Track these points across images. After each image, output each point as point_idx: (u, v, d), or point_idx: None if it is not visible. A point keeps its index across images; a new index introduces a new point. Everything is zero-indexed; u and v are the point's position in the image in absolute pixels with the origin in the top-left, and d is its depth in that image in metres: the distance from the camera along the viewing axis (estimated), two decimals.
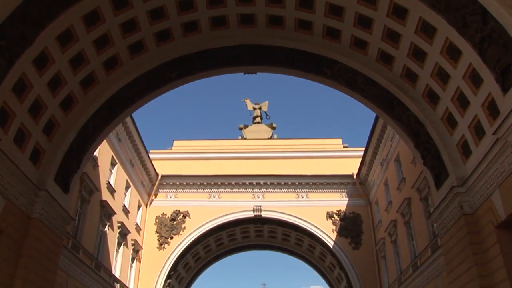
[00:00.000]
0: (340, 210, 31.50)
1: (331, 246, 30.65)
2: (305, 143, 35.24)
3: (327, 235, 30.83)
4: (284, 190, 32.37)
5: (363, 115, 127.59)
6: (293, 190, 32.36)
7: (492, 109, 12.30)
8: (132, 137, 27.80)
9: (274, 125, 39.33)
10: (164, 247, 30.81)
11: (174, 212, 31.76)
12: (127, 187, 28.36)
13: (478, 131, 13.27)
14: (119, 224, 26.22)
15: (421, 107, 15.48)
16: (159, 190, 32.58)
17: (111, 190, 25.23)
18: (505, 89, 11.36)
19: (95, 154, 21.72)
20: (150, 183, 32.04)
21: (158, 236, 31.12)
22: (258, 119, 40.01)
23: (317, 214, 31.27)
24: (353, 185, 32.06)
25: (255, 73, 18.52)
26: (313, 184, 32.23)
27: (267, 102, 41.25)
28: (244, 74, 18.44)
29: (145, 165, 30.64)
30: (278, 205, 31.77)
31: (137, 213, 30.34)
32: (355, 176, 31.75)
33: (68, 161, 15.82)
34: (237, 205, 31.91)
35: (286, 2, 15.42)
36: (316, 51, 16.72)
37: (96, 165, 22.65)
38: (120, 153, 26.64)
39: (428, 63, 14.26)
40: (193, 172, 32.63)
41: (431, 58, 13.99)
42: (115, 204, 25.63)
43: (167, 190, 32.72)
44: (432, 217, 16.55)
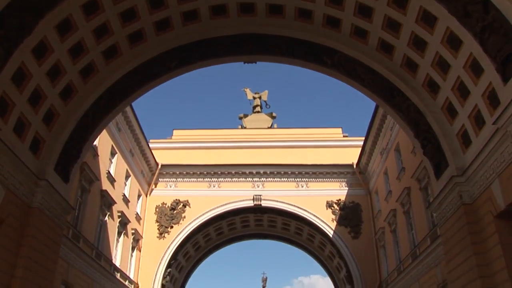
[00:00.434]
0: (339, 199, 31.56)
1: (330, 236, 30.75)
2: (305, 133, 35.21)
3: (326, 225, 30.91)
4: (284, 179, 32.41)
5: (363, 105, 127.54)
6: (293, 179, 32.39)
7: (492, 99, 12.28)
8: (132, 126, 27.78)
9: (274, 114, 39.27)
10: (164, 236, 30.91)
11: (174, 201, 31.81)
12: (127, 177, 28.39)
13: (478, 120, 13.26)
14: (119, 214, 26.28)
15: (421, 97, 15.46)
16: (159, 179, 32.62)
17: (111, 180, 25.27)
18: (505, 79, 11.34)
19: (95, 143, 21.73)
20: (150, 172, 32.08)
21: (158, 226, 31.21)
22: (258, 109, 39.92)
23: (316, 203, 31.34)
24: (353, 174, 32.10)
25: (255, 62, 18.43)
26: (313, 173, 32.26)
27: (267, 91, 41.16)
28: (244, 63, 18.35)
29: (145, 154, 30.65)
30: (278, 195, 31.83)
31: (137, 202, 30.40)
32: (355, 166, 31.77)
33: (68, 151, 15.81)
34: (237, 194, 31.96)
35: None
36: (316, 40, 16.65)
37: (96, 154, 22.65)
38: (120, 143, 26.65)
39: (428, 53, 14.22)
40: (193, 161, 32.64)
41: (431, 47, 13.94)
42: (115, 193, 25.68)
43: (167, 180, 32.75)
44: (431, 207, 16.59)
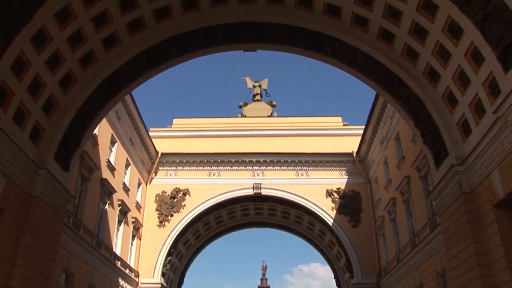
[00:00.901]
0: (339, 188, 31.61)
1: (330, 224, 30.84)
2: (305, 121, 35.20)
3: (326, 213, 30.99)
4: (284, 168, 32.43)
5: (363, 93, 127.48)
6: (293, 168, 32.42)
7: (493, 88, 12.25)
8: (131, 115, 27.75)
9: (274, 103, 39.23)
10: (164, 224, 31.00)
11: (174, 190, 31.86)
12: (127, 165, 28.42)
13: (479, 109, 13.24)
14: (119, 202, 26.34)
15: (421, 86, 15.42)
16: (159, 168, 32.65)
17: (111, 168, 25.30)
18: (506, 68, 11.30)
19: (95, 132, 21.72)
20: (150, 161, 32.10)
21: (158, 214, 31.29)
22: (258, 97, 39.87)
23: (316, 192, 31.39)
24: (353, 163, 32.12)
25: (255, 51, 18.35)
26: (313, 162, 32.27)
27: (267, 79, 41.12)
28: (244, 51, 18.27)
29: (145, 143, 30.65)
30: (278, 183, 31.87)
31: (137, 191, 30.46)
32: (354, 154, 31.79)
33: (68, 140, 15.82)
34: (237, 183, 32.00)
35: None
36: (316, 29, 16.57)
37: (96, 143, 22.66)
38: (119, 131, 26.64)
39: (429, 41, 14.16)
40: (193, 150, 32.65)
41: (432, 36, 13.88)
42: (115, 182, 25.72)
43: (167, 168, 32.78)
44: (431, 196, 16.63)
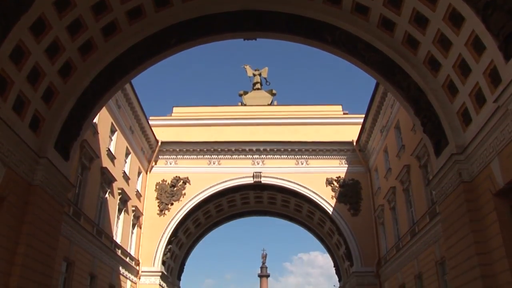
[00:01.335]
0: (339, 176, 31.66)
1: (330, 213, 30.93)
2: (305, 110, 35.15)
3: (326, 202, 31.07)
4: (284, 156, 32.44)
5: (364, 82, 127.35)
6: (293, 156, 32.43)
7: (493, 77, 12.22)
8: (131, 103, 27.71)
9: (274, 91, 39.15)
10: (164, 213, 31.09)
11: (174, 178, 31.92)
12: (127, 154, 28.44)
13: (479, 99, 13.21)
14: (120, 191, 26.40)
15: (422, 74, 15.38)
16: (159, 156, 32.68)
17: (111, 157, 25.32)
18: (507, 57, 11.26)
19: (94, 121, 21.70)
20: (150, 149, 32.11)
21: (158, 203, 31.38)
22: (258, 85, 39.78)
23: (316, 180, 31.45)
24: (353, 152, 32.12)
25: (255, 39, 18.28)
26: (313, 150, 32.28)
27: (267, 68, 41.00)
28: (244, 40, 18.21)
29: (145, 131, 30.65)
30: (278, 172, 31.91)
31: (137, 179, 30.52)
32: (354, 143, 31.77)
33: (68, 129, 15.80)
34: (237, 171, 32.04)
35: None
36: (316, 17, 16.47)
37: (96, 132, 22.65)
38: (119, 120, 26.62)
39: (430, 30, 14.08)
40: (193, 138, 32.66)
41: (433, 24, 13.80)
42: (116, 170, 25.76)
43: (167, 157, 32.81)
44: (431, 184, 16.65)
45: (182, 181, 31.82)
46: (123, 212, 27.37)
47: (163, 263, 30.64)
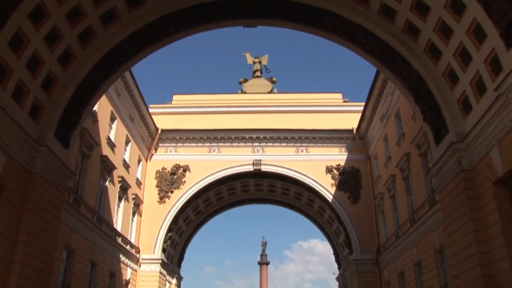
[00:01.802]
0: (339, 164, 31.68)
1: (330, 200, 31.00)
2: (305, 98, 35.07)
3: (326, 189, 31.12)
4: (284, 144, 32.44)
5: (364, 70, 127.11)
6: (293, 144, 32.43)
7: (494, 65, 12.17)
8: (131, 91, 27.65)
9: (274, 79, 39.04)
10: (164, 201, 31.17)
11: (174, 166, 31.94)
12: (127, 142, 28.43)
13: (480, 87, 13.18)
14: (120, 179, 26.44)
15: (422, 62, 15.32)
16: (159, 144, 32.67)
17: (111, 145, 25.32)
18: (509, 45, 11.21)
19: (94, 109, 21.67)
20: (150, 137, 32.10)
21: (158, 190, 31.44)
22: (258, 73, 39.66)
23: (316, 168, 31.47)
24: (353, 139, 32.12)
25: (255, 27, 18.18)
26: (313, 138, 32.27)
27: (267, 56, 40.83)
28: (244, 27, 18.11)
29: (145, 119, 30.61)
30: (278, 159, 31.93)
31: (138, 167, 30.55)
32: (354, 131, 31.75)
33: (68, 117, 15.77)
34: (237, 159, 32.06)
35: None
36: (317, 4, 16.37)
37: (95, 120, 22.62)
38: (119, 108, 26.58)
39: (431, 18, 14.00)
40: (193, 126, 32.63)
41: (434, 12, 13.72)
42: (116, 158, 25.78)
43: (167, 145, 32.80)
44: (430, 173, 16.67)
45: (182, 169, 31.85)
46: (123, 200, 27.43)
47: (163, 250, 30.78)
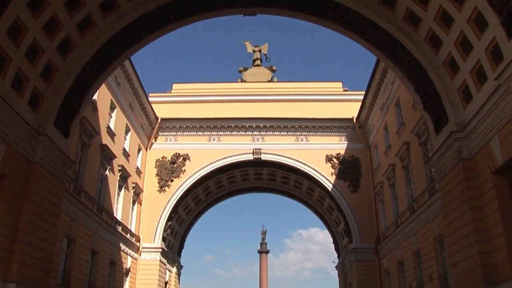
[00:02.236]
0: (339, 153, 31.69)
1: (329, 189, 31.05)
2: (305, 86, 34.97)
3: (326, 178, 31.17)
4: (284, 133, 32.42)
5: (364, 59, 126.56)
6: (293, 133, 32.41)
7: (495, 54, 12.15)
8: (131, 80, 27.57)
9: (274, 67, 38.89)
10: (164, 190, 31.22)
11: (174, 155, 31.95)
12: (127, 131, 28.41)
13: (480, 76, 13.15)
14: (120, 168, 26.46)
15: (423, 51, 15.28)
16: (159, 133, 32.65)
17: (111, 134, 25.31)
18: (510, 34, 11.20)
19: (94, 98, 21.62)
20: (150, 126, 32.07)
21: (158, 179, 31.48)
22: (258, 62, 39.50)
23: (316, 157, 31.49)
24: (353, 128, 32.10)
25: (255, 15, 18.09)
26: (313, 127, 32.25)
27: (267, 44, 40.60)
28: (244, 16, 18.02)
29: (145, 108, 30.56)
30: (278, 148, 31.94)
31: (137, 156, 30.55)
32: (354, 120, 31.73)
33: (67, 106, 15.76)
34: (237, 148, 32.07)
35: None
36: None
37: (95, 109, 22.58)
38: (119, 97, 26.52)
39: (432, 6, 13.93)
40: (193, 115, 32.58)
41: (435, 1, 13.65)
42: (115, 147, 25.77)
43: (167, 133, 32.78)
44: (430, 162, 16.70)
45: (182, 157, 31.87)
46: (123, 189, 27.47)
47: (164, 239, 30.88)
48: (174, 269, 34.48)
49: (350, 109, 31.99)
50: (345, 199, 30.64)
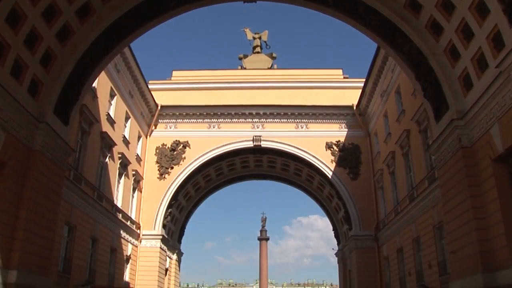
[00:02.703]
0: (339, 140, 31.69)
1: (329, 177, 31.09)
2: (305, 73, 34.86)
3: (326, 166, 31.20)
4: (284, 120, 32.40)
5: (364, 46, 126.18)
6: (293, 120, 32.38)
7: (497, 42, 12.10)
8: (130, 67, 27.48)
9: (274, 54, 38.72)
10: (164, 177, 31.27)
11: (174, 142, 31.95)
12: (127, 118, 28.37)
13: (481, 64, 13.10)
14: (120, 155, 26.47)
15: (423, 39, 15.19)
16: (159, 120, 32.62)
17: (111, 122, 25.27)
18: None
19: (94, 85, 21.56)
20: (150, 113, 32.02)
21: (158, 167, 31.51)
22: (258, 49, 39.31)
23: (316, 144, 31.50)
24: (353, 116, 32.07)
25: (255, 2, 17.97)
26: (313, 114, 32.21)
27: (267, 31, 40.38)
28: (244, 2, 17.90)
29: (144, 96, 30.48)
30: (278, 135, 31.94)
31: (137, 144, 30.54)
32: (354, 107, 31.69)
33: (67, 93, 15.71)
34: (237, 135, 32.07)
35: None
36: None
37: (95, 96, 22.53)
38: (119, 84, 26.45)
39: None
40: (193, 102, 32.53)
41: None
42: (115, 135, 25.75)
43: (166, 121, 32.75)
44: (430, 149, 16.69)
45: (182, 145, 31.87)
46: (123, 176, 27.51)
47: (164, 226, 30.99)
48: (175, 256, 34.66)
49: (350, 97, 31.93)
50: (345, 187, 30.70)
